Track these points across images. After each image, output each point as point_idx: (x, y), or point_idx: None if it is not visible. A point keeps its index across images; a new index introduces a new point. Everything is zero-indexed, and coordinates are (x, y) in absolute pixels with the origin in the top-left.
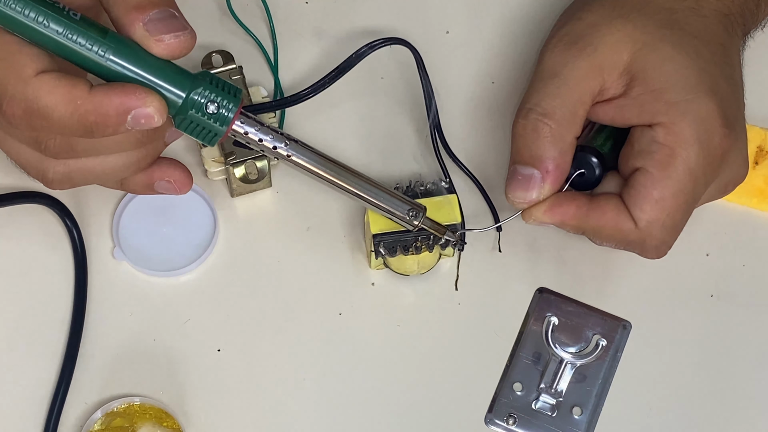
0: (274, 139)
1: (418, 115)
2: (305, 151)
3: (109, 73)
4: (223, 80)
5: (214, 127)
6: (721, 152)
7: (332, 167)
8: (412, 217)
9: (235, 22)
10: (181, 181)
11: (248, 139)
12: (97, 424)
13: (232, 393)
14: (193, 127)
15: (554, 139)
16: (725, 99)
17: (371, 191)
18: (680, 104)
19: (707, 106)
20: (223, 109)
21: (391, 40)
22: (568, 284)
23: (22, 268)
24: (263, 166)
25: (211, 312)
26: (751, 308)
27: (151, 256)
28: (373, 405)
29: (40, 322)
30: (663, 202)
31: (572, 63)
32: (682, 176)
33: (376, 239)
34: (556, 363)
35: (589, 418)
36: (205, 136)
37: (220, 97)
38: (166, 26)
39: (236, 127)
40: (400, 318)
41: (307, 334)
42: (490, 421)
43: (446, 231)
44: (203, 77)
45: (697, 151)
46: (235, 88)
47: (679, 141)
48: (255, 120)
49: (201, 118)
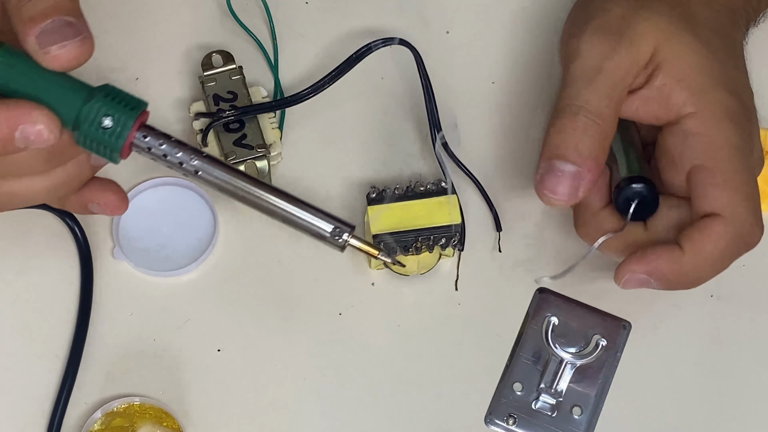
0: (180, 155)
1: (418, 116)
2: (215, 167)
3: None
4: (123, 93)
5: (110, 142)
6: (750, 138)
7: (244, 183)
8: (336, 236)
9: (235, 22)
10: (113, 204)
11: (153, 155)
12: (97, 424)
13: (232, 393)
14: (91, 143)
15: (601, 137)
16: (741, 91)
17: (290, 209)
18: (706, 92)
19: (729, 97)
20: (118, 125)
21: (391, 41)
22: (568, 284)
23: (23, 268)
24: (263, 166)
25: (211, 312)
26: (751, 308)
27: (151, 256)
28: (373, 405)
29: (44, 322)
30: (730, 183)
31: (614, 57)
32: (733, 155)
33: (376, 239)
34: (556, 363)
35: (589, 418)
36: (104, 152)
37: (116, 112)
38: (56, 37)
39: (137, 142)
40: (400, 318)
41: (307, 334)
42: (490, 421)
43: (380, 251)
44: (100, 90)
45: (734, 129)
46: (136, 101)
47: (715, 124)
48: (159, 134)
49: (96, 133)
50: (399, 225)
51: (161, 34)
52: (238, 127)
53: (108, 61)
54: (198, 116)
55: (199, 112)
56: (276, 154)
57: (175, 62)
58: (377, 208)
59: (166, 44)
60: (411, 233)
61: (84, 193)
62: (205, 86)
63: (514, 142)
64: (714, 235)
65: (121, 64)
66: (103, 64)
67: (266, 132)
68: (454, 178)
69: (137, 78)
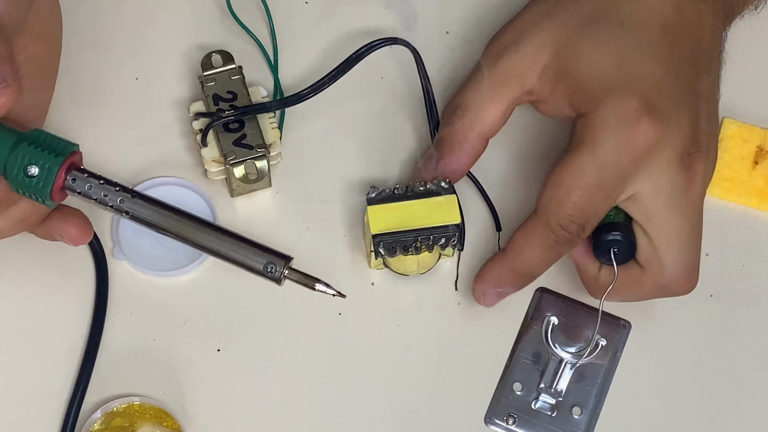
0: (110, 197)
1: (418, 115)
2: (145, 207)
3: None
4: (51, 138)
5: (37, 190)
6: (646, 141)
7: (176, 222)
8: (270, 271)
9: (235, 22)
10: (75, 236)
11: (84, 197)
12: (96, 424)
13: (232, 393)
14: (22, 190)
15: (459, 130)
16: (652, 85)
17: (223, 245)
18: (596, 94)
19: (624, 97)
20: (44, 172)
21: (390, 40)
22: (568, 284)
23: (25, 269)
24: (263, 166)
25: (211, 312)
26: (751, 308)
27: (151, 256)
28: (373, 405)
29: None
30: (559, 180)
31: (494, 66)
32: (585, 161)
33: (376, 239)
34: (556, 363)
35: (589, 418)
36: (36, 198)
37: (40, 159)
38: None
39: (67, 185)
40: (400, 318)
41: (307, 334)
42: (489, 420)
43: (317, 282)
44: (27, 138)
45: (606, 137)
46: (63, 146)
47: (590, 128)
48: (88, 176)
49: (23, 181)
50: (399, 225)
51: (161, 34)
52: (237, 127)
53: (108, 61)
54: (198, 116)
55: (198, 112)
56: (276, 153)
57: (175, 62)
58: (377, 208)
59: (165, 44)
60: (411, 233)
61: (47, 225)
62: (204, 86)
63: (513, 141)
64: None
65: (121, 64)
66: (102, 64)
67: (266, 132)
68: None
69: (137, 78)
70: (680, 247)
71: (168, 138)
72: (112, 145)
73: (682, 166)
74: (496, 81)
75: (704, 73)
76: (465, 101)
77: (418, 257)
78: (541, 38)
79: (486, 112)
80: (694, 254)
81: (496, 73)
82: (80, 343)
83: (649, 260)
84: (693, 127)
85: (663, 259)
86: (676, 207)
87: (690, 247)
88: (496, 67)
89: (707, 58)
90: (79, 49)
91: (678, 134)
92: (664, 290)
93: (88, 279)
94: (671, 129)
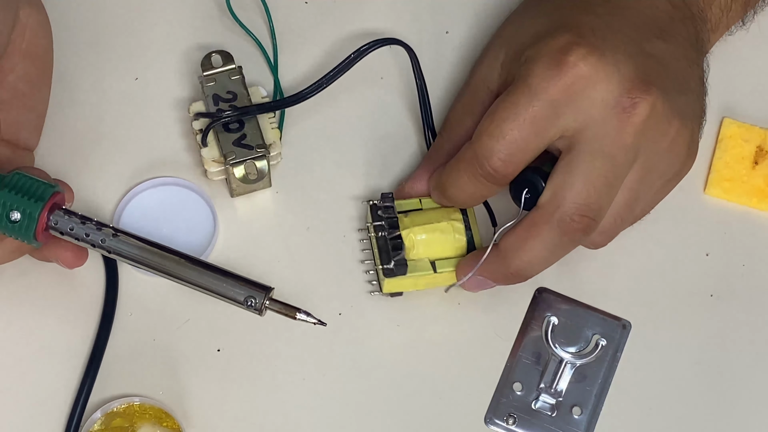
0: (93, 236)
1: (417, 115)
2: (127, 244)
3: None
4: (31, 182)
5: (21, 234)
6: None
7: (158, 259)
8: (251, 304)
9: (235, 22)
10: (70, 260)
11: (68, 237)
12: (96, 424)
13: (232, 393)
14: (6, 232)
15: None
16: (586, 28)
17: (204, 279)
18: (532, 43)
19: (557, 36)
20: (25, 217)
21: (388, 41)
22: (568, 284)
23: (34, 270)
24: (263, 166)
25: (211, 312)
26: (751, 308)
27: None
28: (373, 405)
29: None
30: (492, 113)
31: (466, 83)
32: (516, 91)
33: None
34: (556, 363)
35: (589, 418)
36: (22, 239)
37: (21, 205)
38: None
39: (51, 226)
40: (400, 318)
41: (307, 334)
42: (490, 420)
43: (298, 311)
44: (7, 183)
45: (537, 69)
46: (43, 189)
47: (524, 65)
48: (70, 217)
49: (8, 226)
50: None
51: (160, 34)
52: (237, 127)
53: (108, 61)
54: (197, 116)
55: (198, 112)
56: (276, 154)
57: (175, 62)
58: (393, 282)
59: (165, 44)
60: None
61: (44, 251)
62: (204, 86)
63: None
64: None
65: (121, 64)
66: (102, 64)
67: (266, 132)
68: None
69: (136, 78)
70: (584, 188)
71: (168, 138)
72: (112, 146)
73: (618, 108)
74: (467, 94)
75: (656, 38)
76: (447, 118)
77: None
78: (499, 43)
79: (463, 125)
80: (597, 199)
81: (467, 86)
82: (85, 344)
83: (549, 197)
84: (636, 73)
85: (563, 192)
86: (597, 148)
87: (595, 192)
88: (468, 83)
89: (660, 28)
90: (78, 50)
91: (615, 73)
92: (559, 229)
93: (96, 280)
94: (606, 66)
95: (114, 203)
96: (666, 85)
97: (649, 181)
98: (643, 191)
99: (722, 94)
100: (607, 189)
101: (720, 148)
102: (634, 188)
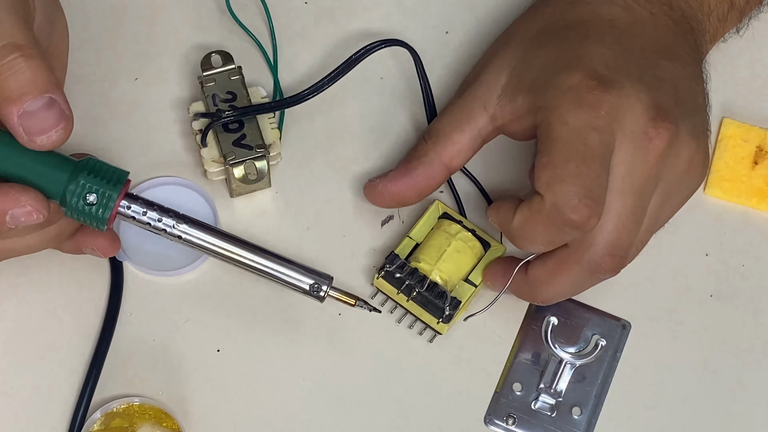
0: (163, 221)
1: (417, 116)
2: (197, 230)
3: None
4: (106, 167)
5: (96, 216)
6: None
7: (226, 244)
8: (315, 291)
9: (234, 22)
10: (105, 248)
11: (137, 222)
12: (96, 425)
13: (232, 393)
14: (78, 216)
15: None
16: (598, 62)
17: (271, 267)
18: (545, 84)
19: (569, 76)
20: (103, 199)
21: (389, 42)
22: None
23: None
24: (262, 166)
25: (211, 312)
26: (751, 308)
27: (152, 255)
28: (372, 405)
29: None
30: (551, 162)
31: (460, 96)
32: (562, 133)
33: None
34: (556, 363)
35: (589, 418)
36: (91, 223)
37: (99, 187)
38: (40, 122)
39: (122, 211)
40: (400, 318)
41: (307, 334)
42: (489, 421)
43: (357, 300)
44: (83, 167)
45: (569, 107)
46: (118, 174)
47: (550, 108)
48: (143, 202)
49: (82, 208)
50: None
51: (160, 34)
52: (237, 128)
53: (107, 61)
54: (197, 116)
55: (198, 112)
56: (275, 154)
57: (174, 62)
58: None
59: (165, 44)
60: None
61: (77, 239)
62: (204, 86)
63: (512, 140)
64: (530, 212)
65: (121, 64)
66: (102, 63)
67: (265, 132)
68: (454, 176)
69: (136, 78)
70: (614, 229)
71: (168, 138)
72: (112, 146)
73: (645, 138)
74: (461, 110)
75: (664, 60)
76: (434, 128)
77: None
78: (499, 64)
79: (451, 139)
80: (627, 237)
81: (462, 103)
82: (88, 344)
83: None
84: (656, 102)
85: (592, 233)
86: (627, 185)
87: (625, 231)
88: (462, 98)
89: (666, 47)
90: (78, 50)
91: (638, 104)
92: (589, 269)
93: (99, 280)
94: (629, 99)
95: None
96: (681, 109)
97: (669, 205)
98: (664, 214)
99: (722, 95)
100: (635, 225)
101: (720, 148)
102: (654, 215)
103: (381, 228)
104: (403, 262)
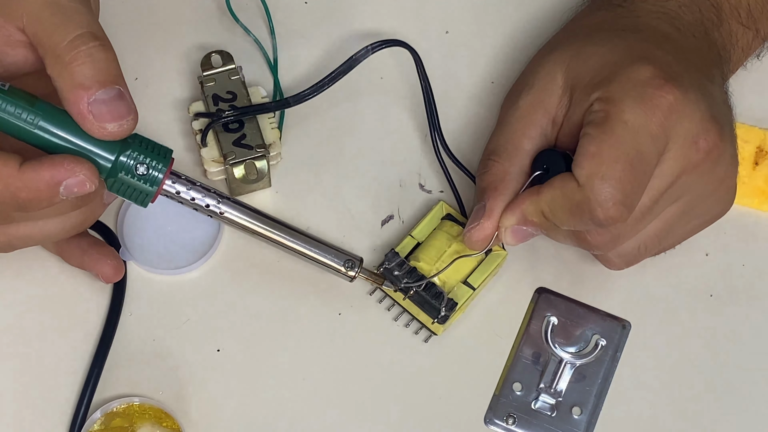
0: (205, 197)
1: (417, 116)
2: (238, 208)
3: (39, 141)
4: (153, 142)
5: (144, 188)
6: (667, 104)
7: (266, 223)
8: (348, 268)
9: (235, 22)
10: (109, 275)
11: (180, 198)
12: (96, 425)
13: (232, 393)
14: (125, 189)
15: (498, 170)
16: (664, 62)
17: (307, 246)
18: (611, 75)
19: (639, 68)
20: (153, 170)
21: (390, 42)
22: (567, 284)
23: (31, 269)
24: (262, 166)
25: (211, 312)
26: (751, 308)
27: (156, 254)
28: (372, 404)
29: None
30: (600, 155)
31: (514, 107)
32: (618, 130)
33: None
34: (556, 363)
35: (589, 418)
36: (137, 197)
37: (150, 159)
38: (110, 111)
39: (167, 187)
40: (399, 317)
41: (307, 334)
42: (489, 420)
43: (384, 280)
44: (132, 139)
45: (632, 105)
46: (165, 149)
47: (612, 100)
48: (186, 179)
49: (131, 180)
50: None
51: (160, 34)
52: (237, 127)
53: None
54: (197, 116)
55: (198, 112)
56: (275, 154)
57: (175, 62)
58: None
59: (165, 44)
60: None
61: (84, 260)
62: (204, 86)
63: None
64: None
65: (121, 64)
66: None
67: (265, 132)
68: (454, 177)
69: (136, 78)
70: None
71: (168, 138)
72: None
73: (694, 146)
74: (521, 117)
75: (707, 81)
76: (497, 145)
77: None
78: (550, 67)
79: (523, 149)
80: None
81: (519, 111)
82: (89, 344)
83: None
84: (711, 114)
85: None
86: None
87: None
88: (518, 106)
89: (708, 72)
90: None
91: (696, 111)
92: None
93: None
94: (690, 103)
95: (119, 201)
96: (727, 129)
97: (687, 218)
98: (678, 227)
99: None
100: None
101: None
102: (669, 221)
103: (381, 228)
104: (403, 260)
